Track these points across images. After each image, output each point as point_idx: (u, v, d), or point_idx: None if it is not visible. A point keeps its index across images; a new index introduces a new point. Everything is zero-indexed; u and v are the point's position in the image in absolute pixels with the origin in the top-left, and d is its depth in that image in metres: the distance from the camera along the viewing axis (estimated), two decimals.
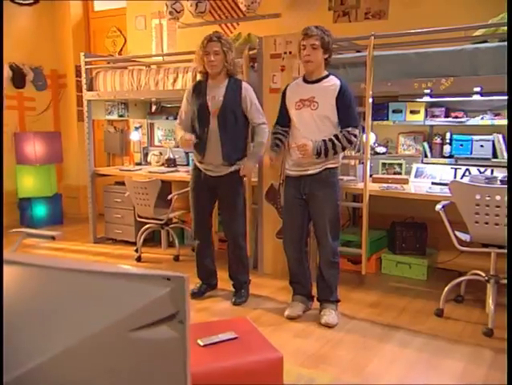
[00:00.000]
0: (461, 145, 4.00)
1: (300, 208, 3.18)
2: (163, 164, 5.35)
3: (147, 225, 4.67)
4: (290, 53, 3.78)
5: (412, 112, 4.12)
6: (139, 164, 5.55)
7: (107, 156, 6.11)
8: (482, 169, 3.91)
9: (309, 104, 3.03)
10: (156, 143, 5.77)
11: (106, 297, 0.97)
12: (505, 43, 3.14)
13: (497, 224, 2.88)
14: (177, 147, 5.42)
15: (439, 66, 3.31)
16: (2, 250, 4.40)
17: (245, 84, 3.34)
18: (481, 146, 3.92)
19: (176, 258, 4.52)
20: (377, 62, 3.47)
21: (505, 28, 3.24)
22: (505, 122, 3.82)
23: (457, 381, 2.43)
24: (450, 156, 4.04)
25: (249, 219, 4.09)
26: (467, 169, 3.96)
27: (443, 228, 4.07)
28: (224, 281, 3.65)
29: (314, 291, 3.31)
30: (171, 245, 4.78)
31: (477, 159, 3.93)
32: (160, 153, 5.48)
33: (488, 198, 2.87)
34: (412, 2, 4.27)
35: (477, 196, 2.90)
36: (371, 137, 3.99)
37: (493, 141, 3.89)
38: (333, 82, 3.02)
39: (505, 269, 2.71)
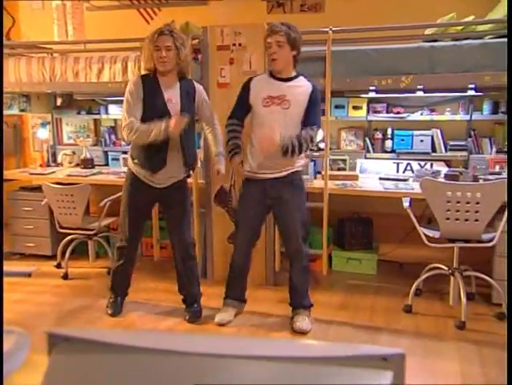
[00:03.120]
0: (403, 140, 4.10)
1: (259, 213, 3.04)
2: (78, 165, 4.76)
3: (70, 236, 4.11)
4: (240, 45, 3.52)
5: (354, 108, 4.11)
6: (47, 165, 4.86)
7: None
8: (422, 163, 4.06)
9: (279, 102, 2.84)
10: (66, 141, 5.11)
11: None
12: (460, 42, 3.25)
13: (467, 220, 2.96)
14: (95, 144, 4.89)
15: (397, 63, 3.32)
16: (2, 254, 3.56)
17: (197, 85, 3.06)
18: (421, 141, 4.06)
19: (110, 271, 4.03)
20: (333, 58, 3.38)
21: (458, 28, 3.34)
22: (442, 117, 3.99)
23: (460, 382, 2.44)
24: (392, 151, 4.13)
25: (196, 224, 3.80)
26: (408, 163, 4.08)
27: (383, 222, 4.20)
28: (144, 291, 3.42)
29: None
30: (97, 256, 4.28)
31: (418, 153, 4.06)
32: (73, 152, 4.86)
33: (459, 195, 2.93)
34: None
35: (449, 193, 2.95)
36: (319, 133, 3.91)
37: (432, 136, 4.04)
38: (304, 84, 2.87)
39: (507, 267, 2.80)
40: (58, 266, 4.17)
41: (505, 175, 3.52)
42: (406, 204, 3.17)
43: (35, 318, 3.17)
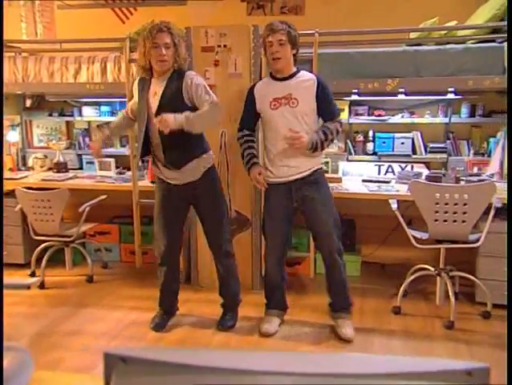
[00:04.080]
0: (384, 142, 4.14)
1: (287, 218, 2.95)
2: (50, 169, 4.58)
3: (45, 244, 3.95)
4: (225, 46, 3.47)
5: None
6: (17, 169, 4.65)
7: None
8: (403, 165, 4.11)
9: (287, 102, 2.78)
10: (36, 144, 4.91)
11: None
12: (444, 46, 3.31)
13: (455, 221, 3.01)
14: (68, 148, 4.72)
15: (382, 67, 3.34)
16: (2, 253, 3.32)
17: (188, 75, 2.79)
18: (402, 143, 4.11)
19: (90, 279, 3.89)
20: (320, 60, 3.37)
21: (441, 32, 3.40)
22: (422, 120, 4.05)
23: None
24: (374, 154, 4.16)
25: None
26: (390, 166, 4.12)
27: (364, 223, 4.23)
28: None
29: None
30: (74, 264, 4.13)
31: (399, 156, 4.11)
32: (45, 156, 4.67)
33: (447, 196, 2.97)
34: (330, 0, 4.26)
35: (437, 195, 2.99)
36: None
37: (412, 138, 4.10)
38: (308, 76, 2.82)
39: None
40: (33, 275, 3.99)
41: (485, 176, 3.61)
42: (394, 206, 3.20)
43: (13, 332, 3.01)
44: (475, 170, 3.88)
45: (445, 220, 3.02)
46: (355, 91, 3.54)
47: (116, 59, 3.74)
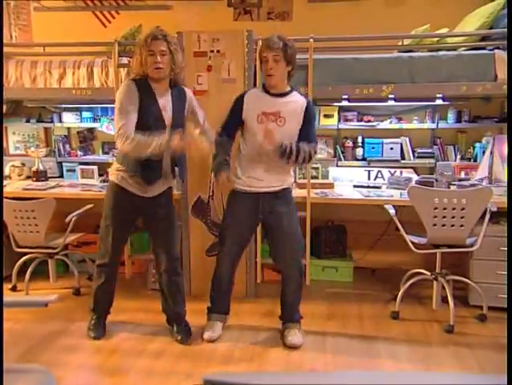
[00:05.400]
0: (373, 148, 4.17)
1: (250, 227, 3.00)
2: (29, 178, 4.39)
3: (27, 256, 3.78)
4: (218, 51, 3.41)
5: (325, 116, 4.13)
6: None
7: None
8: (392, 170, 4.14)
9: (274, 119, 2.75)
10: (12, 151, 4.70)
11: None
12: (437, 53, 3.35)
13: (453, 226, 3.04)
14: (47, 155, 4.53)
15: (377, 73, 3.36)
16: (2, 251, 3.10)
17: (188, 91, 2.91)
18: (391, 148, 4.15)
19: (77, 292, 3.74)
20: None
21: (434, 39, 3.44)
22: (410, 126, 4.10)
23: None
24: (363, 159, 4.18)
25: None
26: (379, 171, 4.15)
27: (354, 228, 4.24)
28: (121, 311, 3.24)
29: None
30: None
31: (388, 161, 4.15)
32: (23, 164, 4.47)
33: (445, 201, 3.00)
34: (317, 6, 4.27)
35: (436, 200, 3.01)
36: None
37: (401, 144, 4.14)
38: (298, 99, 2.81)
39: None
40: (14, 289, 3.81)
41: (475, 181, 3.67)
42: (392, 211, 3.21)
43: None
44: (462, 175, 3.95)
45: (444, 225, 3.05)
46: (345, 96, 3.55)
47: (104, 64, 3.61)
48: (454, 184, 3.59)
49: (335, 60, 3.42)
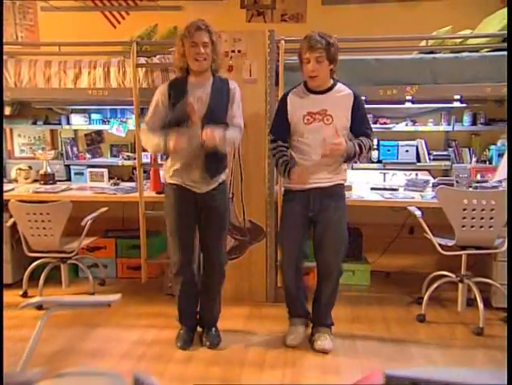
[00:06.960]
0: (388, 150, 4.15)
1: (303, 228, 2.83)
2: (36, 181, 4.27)
3: (39, 260, 3.67)
4: (239, 52, 3.37)
5: None
6: None
7: None
8: (408, 173, 4.12)
9: (321, 118, 2.67)
10: (18, 154, 4.59)
11: None
12: (460, 54, 3.35)
13: (481, 227, 3.02)
14: (55, 158, 4.42)
15: (399, 74, 3.34)
16: (1, 250, 2.95)
17: (232, 83, 2.78)
18: (407, 151, 4.14)
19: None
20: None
21: (456, 40, 3.44)
22: (426, 128, 4.10)
23: None
24: (378, 162, 4.16)
25: None
26: (394, 173, 4.13)
27: (368, 232, 4.21)
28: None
29: None
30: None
31: (403, 163, 4.13)
32: (30, 167, 4.36)
33: (475, 202, 2.99)
34: (331, 8, 4.25)
35: (465, 201, 3.00)
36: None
37: (416, 146, 4.13)
38: (345, 91, 2.72)
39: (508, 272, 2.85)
40: (25, 295, 3.69)
41: (494, 183, 3.66)
42: (418, 212, 3.17)
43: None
44: (478, 177, 3.95)
45: (473, 226, 3.03)
46: (364, 98, 3.52)
47: (121, 64, 3.54)
48: (474, 186, 3.57)
49: (356, 61, 3.39)
